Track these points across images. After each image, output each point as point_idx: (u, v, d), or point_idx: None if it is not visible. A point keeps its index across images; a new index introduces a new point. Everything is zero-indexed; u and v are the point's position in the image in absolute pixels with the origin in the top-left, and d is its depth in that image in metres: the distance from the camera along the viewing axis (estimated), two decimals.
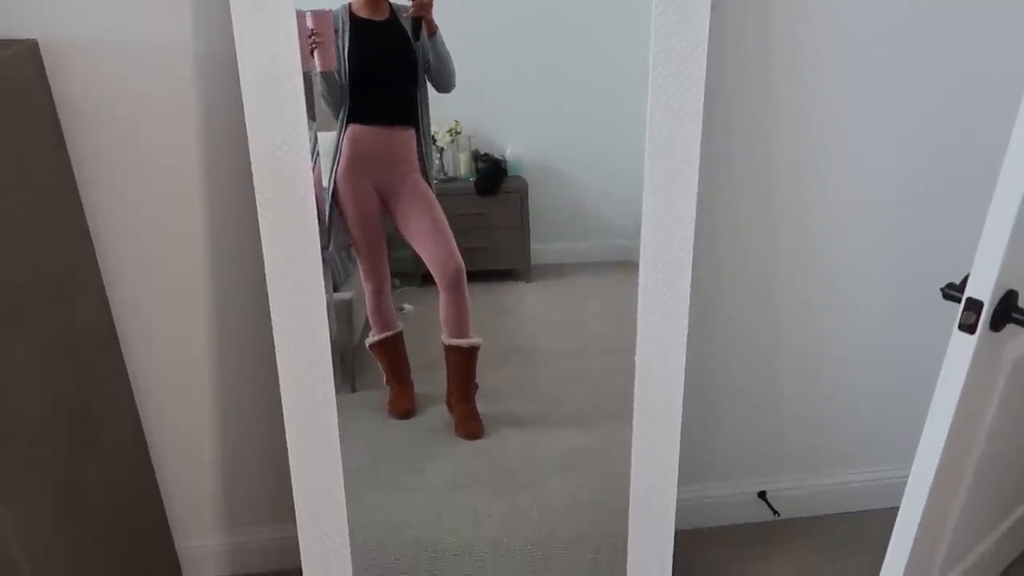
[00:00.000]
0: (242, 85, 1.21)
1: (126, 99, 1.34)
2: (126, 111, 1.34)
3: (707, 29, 1.26)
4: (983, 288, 0.96)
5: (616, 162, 1.50)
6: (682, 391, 1.46)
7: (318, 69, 1.35)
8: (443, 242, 1.44)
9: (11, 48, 1.19)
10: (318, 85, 1.37)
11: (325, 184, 1.42)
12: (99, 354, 1.43)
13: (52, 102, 1.30)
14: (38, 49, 1.26)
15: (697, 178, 1.34)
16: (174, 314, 1.50)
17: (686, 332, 1.43)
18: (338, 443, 1.41)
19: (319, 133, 1.38)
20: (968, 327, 0.98)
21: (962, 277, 1.03)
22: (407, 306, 1.55)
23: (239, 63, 1.21)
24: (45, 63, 1.28)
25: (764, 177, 1.49)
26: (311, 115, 1.29)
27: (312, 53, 1.33)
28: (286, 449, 1.38)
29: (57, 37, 1.28)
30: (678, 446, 1.46)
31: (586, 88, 1.49)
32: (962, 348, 0.99)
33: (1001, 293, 0.97)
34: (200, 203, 1.43)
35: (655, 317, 1.41)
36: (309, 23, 1.32)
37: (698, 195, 1.35)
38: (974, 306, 0.98)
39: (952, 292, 1.01)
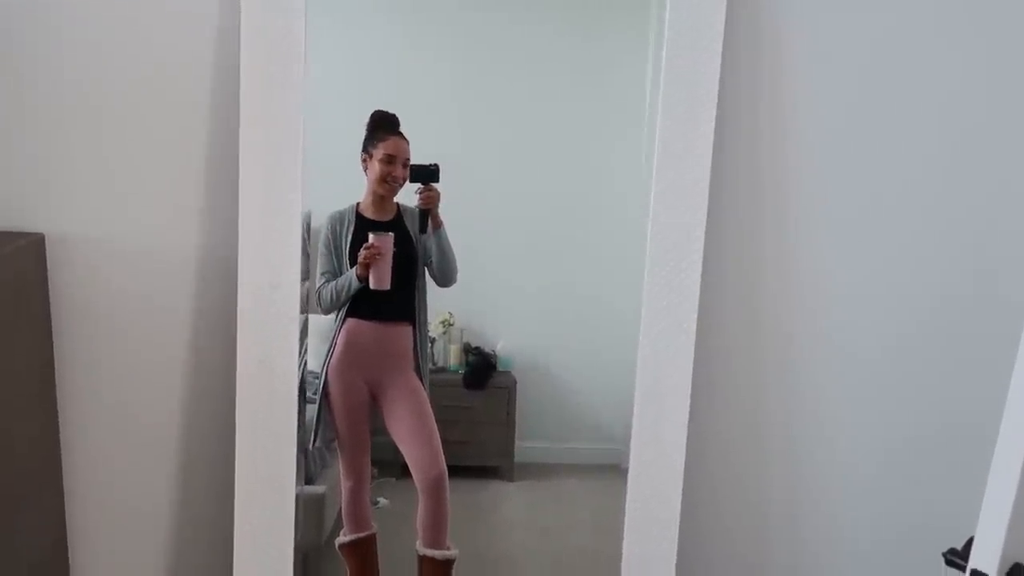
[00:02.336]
0: (239, 293, 1.22)
1: (121, 297, 1.34)
2: (119, 309, 1.34)
3: (700, 274, 1.30)
4: (988, 561, 0.91)
5: (607, 365, 1.49)
6: None
7: (371, 286, 1.37)
8: (428, 445, 1.40)
9: (17, 242, 1.21)
10: (340, 290, 1.38)
11: (311, 368, 1.40)
12: (47, 563, 1.34)
13: (47, 295, 1.30)
14: (43, 244, 1.28)
15: (688, 401, 1.34)
16: (131, 520, 1.42)
17: (674, 557, 1.36)
18: None
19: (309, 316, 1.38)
20: None
21: (964, 540, 0.99)
22: (382, 500, 1.48)
23: (239, 270, 1.24)
24: (48, 257, 1.29)
25: (754, 425, 1.48)
26: (301, 308, 1.31)
27: (367, 268, 1.36)
28: None
29: (64, 232, 1.30)
30: None
31: (580, 290, 1.51)
32: None
33: (1008, 566, 0.92)
34: (178, 409, 1.39)
35: (640, 538, 1.35)
36: (371, 239, 1.36)
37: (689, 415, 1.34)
38: None
39: (955, 559, 0.97)
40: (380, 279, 1.37)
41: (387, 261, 1.37)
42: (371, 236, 1.36)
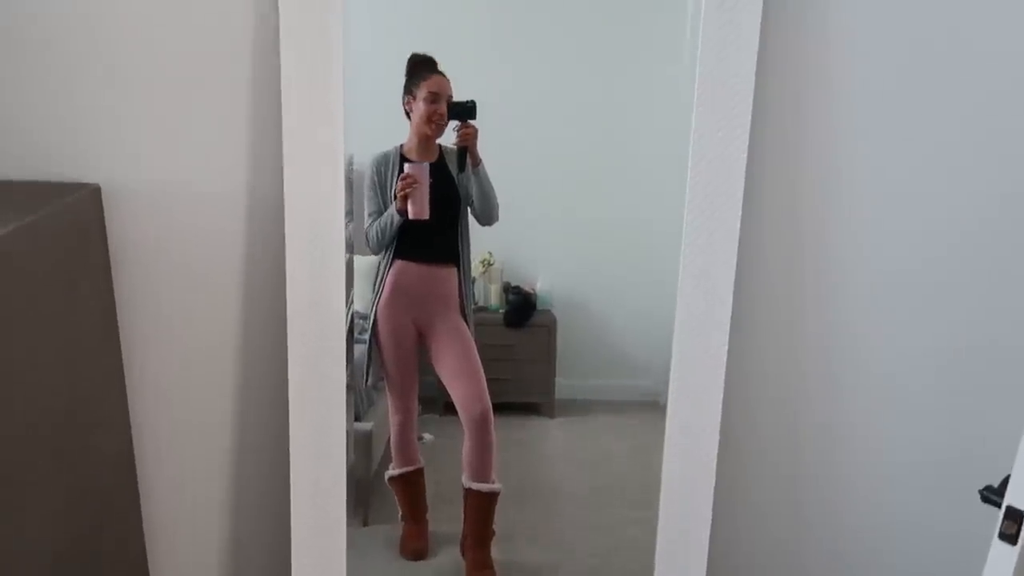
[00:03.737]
0: (286, 232, 1.25)
1: (176, 242, 1.37)
2: (173, 253, 1.37)
3: (741, 193, 1.30)
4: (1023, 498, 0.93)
5: (645, 302, 1.49)
6: (707, 551, 1.42)
7: (409, 216, 1.38)
8: (473, 383, 1.43)
9: (75, 193, 1.24)
10: (384, 227, 1.40)
11: (359, 309, 1.43)
12: (114, 488, 1.41)
13: (106, 243, 1.34)
14: (100, 194, 1.31)
15: (727, 335, 1.35)
16: (195, 451, 1.48)
17: (713, 483, 1.40)
18: None
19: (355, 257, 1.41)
20: (1009, 537, 0.95)
21: (1002, 478, 1.00)
22: (427, 436, 1.53)
23: (286, 212, 1.26)
24: (105, 206, 1.33)
25: (791, 336, 1.49)
26: (348, 249, 1.33)
27: (405, 200, 1.37)
28: None
29: (118, 181, 1.33)
30: None
31: (619, 228, 1.51)
32: (1003, 558, 0.96)
33: None
34: (234, 349, 1.43)
35: (679, 468, 1.39)
36: (406, 169, 1.37)
37: (728, 344, 1.36)
38: (1015, 516, 0.95)
39: (991, 496, 0.98)
40: (419, 209, 1.37)
41: (424, 190, 1.37)
42: (406, 167, 1.37)
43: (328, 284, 1.30)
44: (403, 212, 1.38)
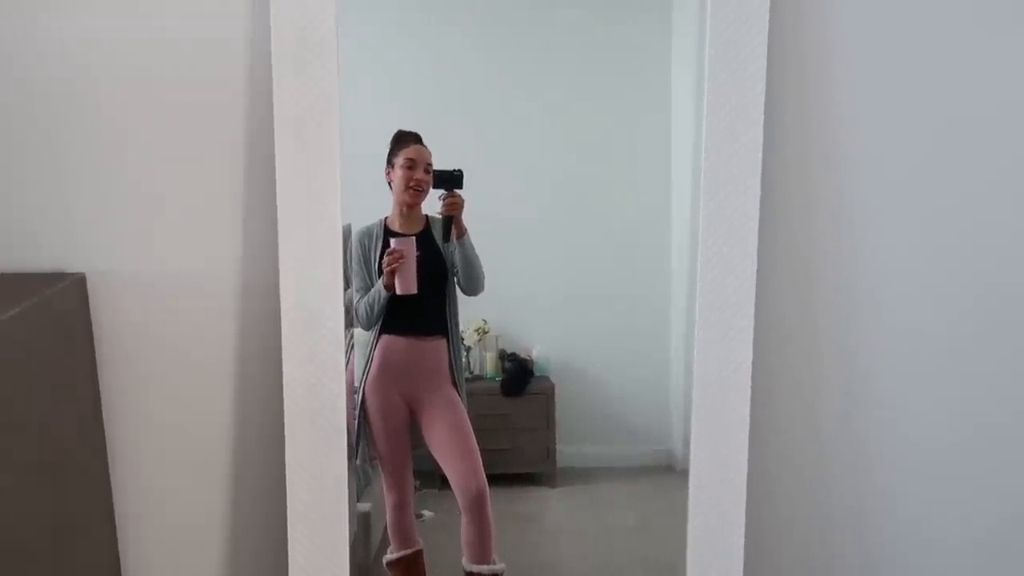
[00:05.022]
0: (282, 321, 1.24)
1: (164, 332, 1.34)
2: (163, 344, 1.35)
3: (754, 274, 1.29)
4: None
5: (644, 365, 1.48)
6: None
7: (397, 292, 1.36)
8: (468, 461, 1.39)
9: (59, 283, 1.21)
10: (372, 303, 1.38)
11: (357, 384, 1.41)
12: None
13: (91, 335, 1.31)
14: (85, 283, 1.29)
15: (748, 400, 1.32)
16: (184, 549, 1.43)
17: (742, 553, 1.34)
18: None
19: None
20: None
21: None
22: (427, 512, 1.48)
23: (281, 298, 1.24)
24: (90, 295, 1.30)
25: (811, 394, 1.46)
26: (347, 323, 1.32)
27: (392, 275, 1.36)
28: None
29: (104, 270, 1.31)
30: None
31: (613, 290, 1.50)
32: None
33: None
34: (226, 439, 1.40)
35: (704, 536, 1.34)
36: (392, 244, 1.36)
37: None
38: None
39: None
40: (406, 284, 1.36)
41: (411, 265, 1.36)
42: (392, 242, 1.36)
43: (325, 374, 1.28)
44: (390, 288, 1.36)
